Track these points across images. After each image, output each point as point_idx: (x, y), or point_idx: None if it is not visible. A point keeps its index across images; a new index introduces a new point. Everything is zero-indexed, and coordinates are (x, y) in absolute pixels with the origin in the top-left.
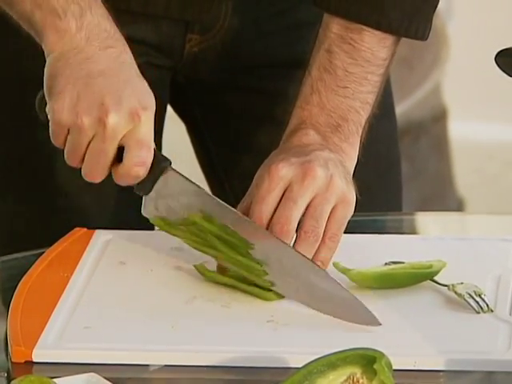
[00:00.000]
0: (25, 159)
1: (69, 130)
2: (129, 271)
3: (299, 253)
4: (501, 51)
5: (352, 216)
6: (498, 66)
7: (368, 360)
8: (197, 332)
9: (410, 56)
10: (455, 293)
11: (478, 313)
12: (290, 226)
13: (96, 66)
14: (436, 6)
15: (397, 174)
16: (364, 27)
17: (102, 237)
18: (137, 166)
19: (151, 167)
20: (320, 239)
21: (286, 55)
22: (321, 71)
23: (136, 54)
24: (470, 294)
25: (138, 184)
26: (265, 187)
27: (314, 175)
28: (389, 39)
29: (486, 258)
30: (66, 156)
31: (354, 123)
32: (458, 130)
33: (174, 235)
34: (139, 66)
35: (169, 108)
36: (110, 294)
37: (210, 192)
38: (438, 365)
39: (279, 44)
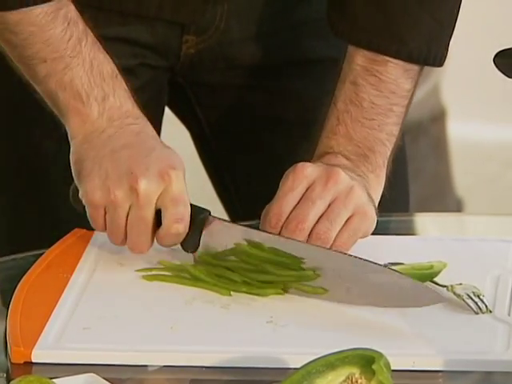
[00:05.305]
0: (24, 159)
1: (105, 210)
2: (128, 272)
3: (350, 255)
4: (499, 52)
5: None
6: (497, 66)
7: (366, 360)
8: (196, 333)
9: None
10: (454, 293)
11: (477, 313)
12: (304, 224)
13: (119, 142)
14: (451, 35)
15: (403, 174)
16: (388, 58)
17: (101, 237)
18: (176, 223)
19: (191, 222)
20: (330, 243)
21: (285, 54)
22: (346, 103)
23: (130, 55)
24: (468, 295)
25: (184, 242)
26: (288, 185)
27: (338, 179)
28: (413, 70)
29: (485, 259)
30: (109, 237)
31: (381, 155)
32: (457, 130)
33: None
34: (133, 68)
35: (166, 110)
36: (109, 295)
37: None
38: (437, 365)
39: (278, 44)
